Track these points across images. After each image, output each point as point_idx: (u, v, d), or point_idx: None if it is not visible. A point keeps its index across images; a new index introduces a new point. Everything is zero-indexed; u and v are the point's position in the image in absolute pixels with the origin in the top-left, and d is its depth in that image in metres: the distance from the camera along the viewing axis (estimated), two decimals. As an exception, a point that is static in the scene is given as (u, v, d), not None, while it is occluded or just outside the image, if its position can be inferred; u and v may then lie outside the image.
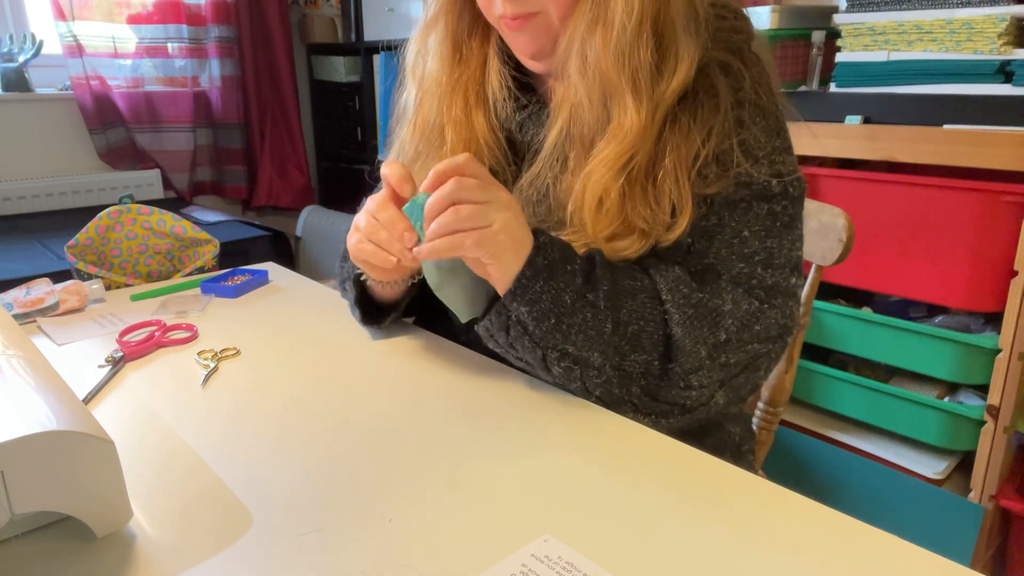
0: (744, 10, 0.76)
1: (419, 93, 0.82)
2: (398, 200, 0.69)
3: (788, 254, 0.72)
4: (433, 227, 0.64)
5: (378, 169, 0.72)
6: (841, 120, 1.50)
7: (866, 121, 1.48)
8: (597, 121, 0.70)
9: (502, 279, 0.66)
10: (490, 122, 0.79)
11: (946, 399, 1.49)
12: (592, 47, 0.68)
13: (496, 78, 0.78)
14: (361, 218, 0.71)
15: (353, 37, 2.80)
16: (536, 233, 0.66)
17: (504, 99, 0.78)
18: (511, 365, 0.73)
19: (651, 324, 0.67)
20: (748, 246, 0.70)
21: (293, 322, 0.90)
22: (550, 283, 0.64)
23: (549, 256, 0.65)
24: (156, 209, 1.21)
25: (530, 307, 0.65)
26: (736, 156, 0.69)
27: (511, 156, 0.80)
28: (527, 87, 0.80)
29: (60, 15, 2.36)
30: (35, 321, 0.90)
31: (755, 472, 0.78)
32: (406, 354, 0.80)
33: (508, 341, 0.68)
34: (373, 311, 0.84)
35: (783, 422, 1.66)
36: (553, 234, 0.70)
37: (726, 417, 0.82)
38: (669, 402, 0.69)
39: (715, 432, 0.80)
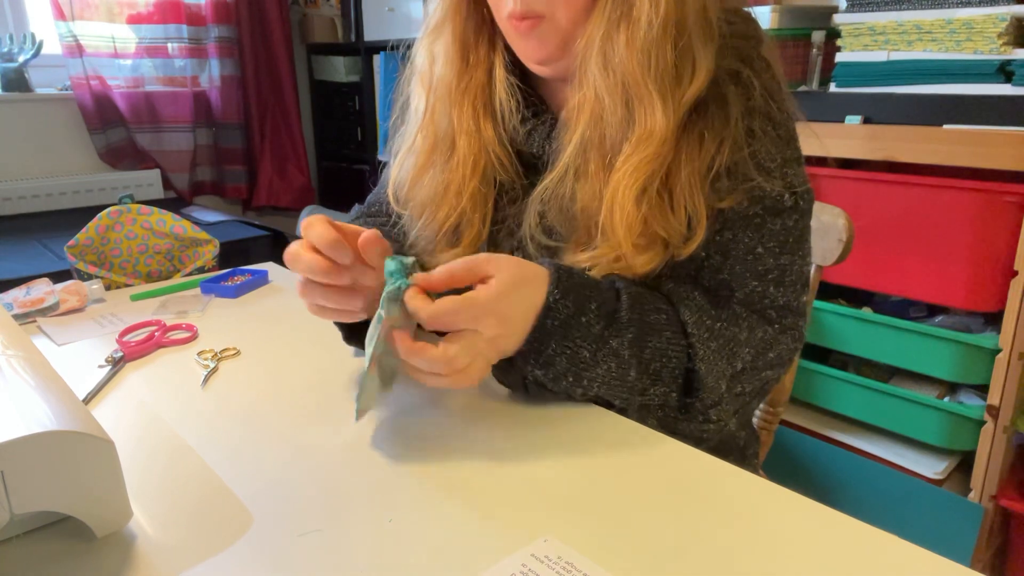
0: (751, 11, 0.75)
1: (430, 98, 0.80)
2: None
3: (799, 271, 0.72)
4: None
5: (378, 168, 0.70)
6: (841, 120, 1.50)
7: (866, 121, 1.48)
8: (620, 124, 0.68)
9: (514, 344, 0.63)
10: (498, 133, 0.77)
11: (946, 399, 1.49)
12: (616, 46, 0.66)
13: (503, 88, 0.76)
14: (301, 282, 0.65)
15: (353, 37, 2.80)
16: (549, 292, 0.62)
17: (511, 109, 0.76)
18: None
19: (673, 360, 0.66)
20: (762, 263, 0.70)
21: (293, 322, 0.90)
22: (564, 343, 0.62)
23: (560, 315, 0.61)
24: (156, 209, 1.21)
25: (545, 369, 0.63)
26: (748, 169, 0.68)
27: (519, 167, 0.79)
28: (533, 97, 0.78)
29: (60, 15, 2.36)
30: (35, 321, 0.90)
31: (756, 472, 0.78)
32: (406, 354, 0.80)
33: (527, 395, 0.67)
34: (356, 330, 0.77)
35: (783, 422, 1.66)
36: (577, 256, 0.69)
37: None
38: (686, 435, 0.68)
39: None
